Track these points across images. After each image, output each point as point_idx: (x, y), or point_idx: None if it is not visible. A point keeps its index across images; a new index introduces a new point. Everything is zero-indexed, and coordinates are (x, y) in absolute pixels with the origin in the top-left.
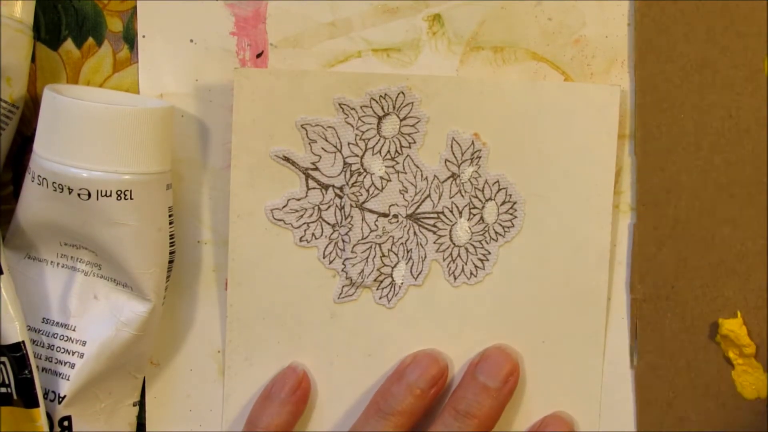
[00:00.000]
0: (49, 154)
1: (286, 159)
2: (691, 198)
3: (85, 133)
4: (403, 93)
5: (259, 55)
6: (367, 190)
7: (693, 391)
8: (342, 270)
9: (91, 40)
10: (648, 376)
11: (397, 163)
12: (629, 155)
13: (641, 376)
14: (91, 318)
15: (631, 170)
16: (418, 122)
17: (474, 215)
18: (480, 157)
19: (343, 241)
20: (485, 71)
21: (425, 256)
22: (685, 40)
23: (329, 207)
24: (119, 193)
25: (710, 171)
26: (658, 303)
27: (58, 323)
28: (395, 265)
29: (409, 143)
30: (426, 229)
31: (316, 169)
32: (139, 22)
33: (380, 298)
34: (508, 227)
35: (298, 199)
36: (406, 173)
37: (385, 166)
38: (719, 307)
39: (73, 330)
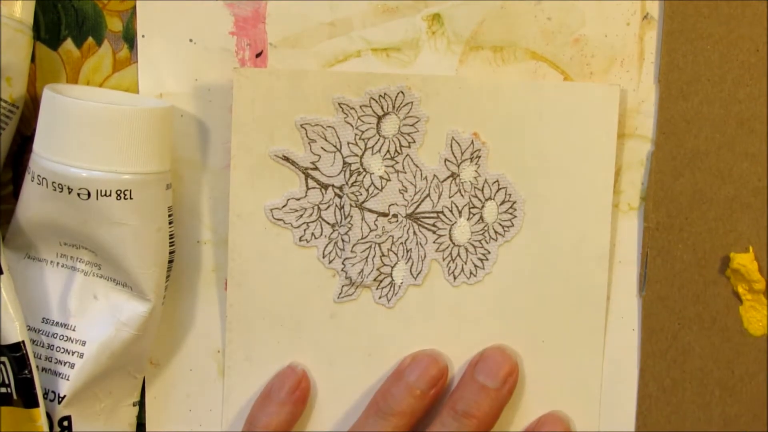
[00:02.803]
0: (48, 153)
1: (286, 159)
2: (711, 130)
3: (85, 132)
4: (402, 92)
5: (258, 55)
6: (367, 190)
7: (699, 324)
8: (342, 270)
9: (90, 39)
10: (655, 306)
11: (397, 162)
12: (654, 83)
13: (648, 305)
14: (91, 318)
15: (654, 98)
16: (417, 122)
17: (474, 215)
18: (480, 157)
19: (343, 240)
20: (485, 71)
21: (425, 256)
22: None
23: (329, 207)
24: (119, 192)
25: (733, 104)
26: (670, 233)
27: (57, 323)
28: (395, 265)
29: (409, 143)
30: (426, 228)
31: (316, 168)
32: (138, 22)
33: (380, 297)
34: (508, 227)
35: (298, 199)
36: (405, 173)
37: (385, 166)
38: (731, 242)
39: (73, 330)
